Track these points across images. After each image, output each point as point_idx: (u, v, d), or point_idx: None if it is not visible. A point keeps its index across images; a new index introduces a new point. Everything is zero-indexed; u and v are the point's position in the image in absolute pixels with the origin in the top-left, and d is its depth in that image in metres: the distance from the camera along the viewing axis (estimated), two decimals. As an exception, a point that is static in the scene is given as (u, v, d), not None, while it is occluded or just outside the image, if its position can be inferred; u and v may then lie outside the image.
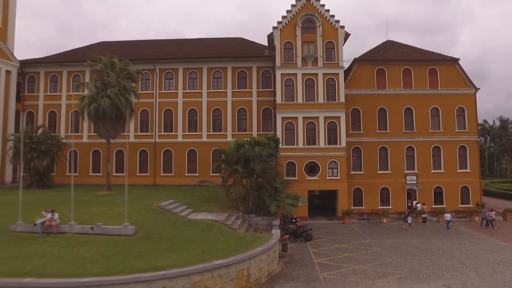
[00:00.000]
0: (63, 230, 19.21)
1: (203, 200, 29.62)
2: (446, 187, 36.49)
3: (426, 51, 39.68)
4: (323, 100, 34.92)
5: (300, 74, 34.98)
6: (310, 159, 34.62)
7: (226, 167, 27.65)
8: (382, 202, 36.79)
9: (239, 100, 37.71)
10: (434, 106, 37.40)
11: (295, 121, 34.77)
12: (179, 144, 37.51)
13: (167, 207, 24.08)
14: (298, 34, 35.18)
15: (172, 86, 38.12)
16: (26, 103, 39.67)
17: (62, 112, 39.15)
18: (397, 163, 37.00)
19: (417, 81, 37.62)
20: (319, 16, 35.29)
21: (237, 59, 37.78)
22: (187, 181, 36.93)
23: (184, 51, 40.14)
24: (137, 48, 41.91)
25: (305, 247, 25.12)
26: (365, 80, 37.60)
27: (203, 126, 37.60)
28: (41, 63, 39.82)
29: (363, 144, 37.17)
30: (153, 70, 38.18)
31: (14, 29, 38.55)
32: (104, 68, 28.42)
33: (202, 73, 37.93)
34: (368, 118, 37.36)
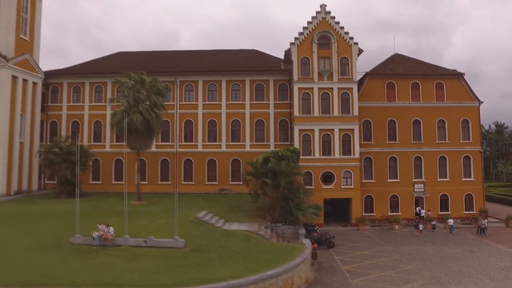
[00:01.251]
0: (118, 243, 20.86)
1: (229, 209, 31.37)
2: (451, 195, 38.82)
3: (432, 65, 41.97)
4: (338, 113, 36.97)
5: (316, 88, 36.96)
6: (326, 169, 36.67)
7: (254, 179, 29.45)
8: (392, 209, 38.95)
9: (256, 111, 39.55)
10: (440, 118, 39.67)
11: (311, 133, 36.76)
12: (199, 153, 39.23)
13: (203, 219, 25.86)
14: (314, 50, 37.14)
15: (192, 98, 39.76)
16: (50, 113, 40.92)
17: (84, 122, 40.50)
18: (406, 172, 39.19)
19: (425, 94, 39.85)
20: (334, 33, 37.26)
21: (255, 72, 39.59)
22: (207, 189, 38.65)
23: (202, 63, 41.79)
24: (155, 60, 43.37)
25: (330, 254, 27.14)
26: (376, 93, 39.69)
27: (222, 136, 39.35)
28: (64, 74, 41.08)
29: (374, 154, 39.29)
30: (174, 83, 39.74)
31: (40, 41, 39.72)
32: (135, 84, 29.94)
33: (221, 86, 39.66)
34: (379, 129, 39.49)
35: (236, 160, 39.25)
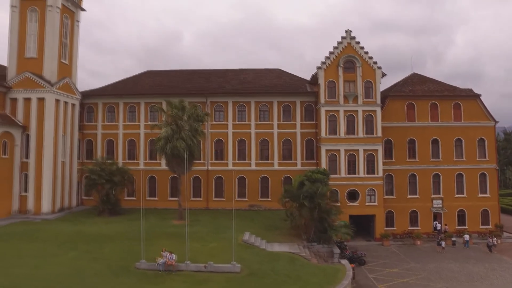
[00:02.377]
0: (180, 268, 22.90)
1: (265, 228, 33.39)
2: (468, 210, 40.96)
3: (449, 85, 44.00)
4: (363, 134, 39.04)
5: (342, 110, 39.02)
6: (351, 187, 38.78)
7: (290, 201, 31.54)
8: (411, 223, 41.08)
9: (284, 131, 41.62)
10: (457, 137, 41.75)
11: (337, 153, 38.85)
12: (230, 171, 41.25)
13: (249, 241, 27.97)
14: (340, 74, 39.17)
15: (222, 118, 41.79)
16: (86, 132, 42.88)
17: (119, 140, 42.48)
18: (425, 188, 41.30)
19: (443, 114, 41.90)
20: (359, 57, 39.28)
21: (282, 94, 41.62)
22: (237, 205, 40.47)
23: (230, 84, 43.78)
24: (185, 79, 45.32)
25: (363, 272, 29.25)
26: (396, 113, 41.71)
27: (251, 155, 41.41)
28: (98, 95, 43.00)
29: (395, 171, 41.36)
30: (205, 103, 41.75)
31: (77, 63, 41.69)
32: (178, 112, 31.92)
33: (250, 106, 41.69)
34: (399, 147, 41.56)
35: (264, 177, 41.39)
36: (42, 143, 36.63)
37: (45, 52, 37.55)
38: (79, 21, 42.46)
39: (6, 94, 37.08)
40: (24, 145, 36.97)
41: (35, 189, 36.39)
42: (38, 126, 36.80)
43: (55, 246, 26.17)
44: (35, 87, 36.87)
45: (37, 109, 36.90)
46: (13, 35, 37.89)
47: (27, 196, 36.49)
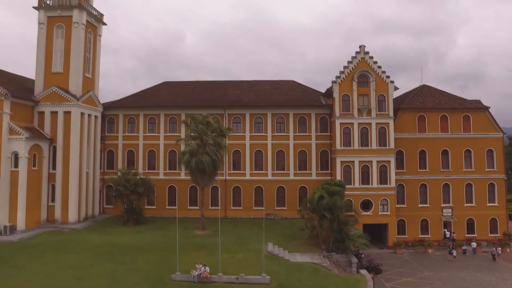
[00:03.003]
0: (213, 280, 24.40)
1: (285, 237, 34.87)
2: (477, 219, 42.41)
3: (459, 98, 45.41)
4: (376, 146, 40.51)
5: (356, 123, 40.49)
6: (365, 197, 40.25)
7: (310, 213, 33.02)
8: (422, 231, 42.55)
9: (299, 143, 43.13)
10: (467, 148, 43.18)
11: (351, 164, 40.32)
12: (247, 181, 42.77)
13: (274, 252, 29.47)
14: (354, 88, 40.63)
15: (240, 129, 43.27)
16: (107, 142, 44.35)
17: (139, 151, 43.97)
18: (435, 197, 42.75)
19: (453, 126, 43.35)
20: (373, 72, 40.74)
21: (298, 106, 43.11)
22: (254, 214, 42.20)
23: (247, 96, 45.25)
24: (202, 91, 46.78)
25: (380, 281, 30.69)
26: (408, 125, 43.12)
27: (268, 165, 42.92)
28: (119, 107, 44.47)
29: (406, 181, 42.80)
30: (223, 115, 43.25)
31: (99, 76, 43.16)
32: (203, 127, 33.39)
33: (267, 118, 43.21)
34: (410, 158, 42.98)
35: (281, 187, 42.92)
36: (68, 155, 38.12)
37: (71, 67, 39.04)
38: (100, 35, 43.93)
39: (34, 108, 38.56)
40: (51, 157, 38.43)
41: (62, 199, 37.90)
42: (64, 139, 38.31)
43: (91, 257, 27.66)
44: (61, 101, 38.35)
45: (64, 122, 38.39)
46: (40, 51, 39.36)
47: (54, 206, 37.96)
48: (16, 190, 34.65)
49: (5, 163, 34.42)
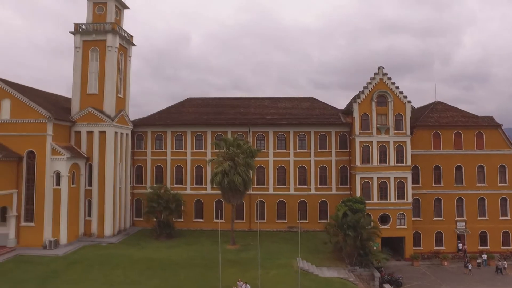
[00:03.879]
0: (254, 296, 26.56)
1: (309, 251, 36.98)
2: (490, 232, 44.42)
3: (472, 115, 47.37)
4: (394, 163, 42.57)
5: (375, 141, 42.57)
6: (383, 211, 42.32)
7: (335, 230, 35.15)
8: (437, 244, 44.64)
9: (320, 159, 45.29)
10: (480, 164, 45.19)
11: (370, 180, 42.42)
12: (270, 195, 44.96)
13: (304, 268, 31.57)
14: (373, 108, 42.69)
15: (263, 146, 45.40)
16: (136, 158, 46.64)
17: (167, 166, 46.20)
18: (449, 211, 44.79)
19: (466, 142, 45.35)
20: (391, 92, 42.78)
21: (319, 125, 45.24)
22: (277, 227, 44.42)
23: (269, 113, 47.38)
24: (225, 108, 48.95)
25: (401, 295, 32.88)
26: (423, 142, 45.16)
27: (290, 180, 45.10)
28: (148, 124, 46.71)
29: (421, 196, 44.85)
30: (247, 132, 45.44)
31: (130, 95, 45.44)
32: (234, 149, 35.54)
33: (289, 136, 45.38)
34: (426, 174, 45.01)
35: (302, 201, 45.10)
36: (103, 172, 40.36)
37: (105, 89, 41.26)
38: (130, 56, 46.17)
39: (72, 128, 40.82)
40: (87, 174, 40.69)
41: (98, 214, 40.15)
42: (100, 157, 40.53)
43: (136, 273, 29.88)
44: (97, 121, 40.60)
45: (99, 141, 40.63)
46: (76, 73, 41.60)
47: (91, 221, 40.22)
48: (58, 207, 36.93)
49: (49, 182, 36.69)
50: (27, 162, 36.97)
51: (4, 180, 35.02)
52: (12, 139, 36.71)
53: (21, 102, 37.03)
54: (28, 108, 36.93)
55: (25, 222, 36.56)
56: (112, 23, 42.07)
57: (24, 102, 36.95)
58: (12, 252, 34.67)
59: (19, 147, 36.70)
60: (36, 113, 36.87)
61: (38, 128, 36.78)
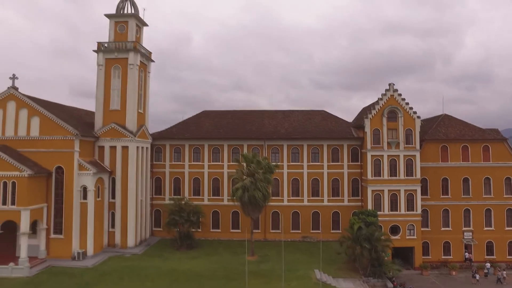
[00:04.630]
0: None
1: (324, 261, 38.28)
2: (496, 242, 46.20)
3: (479, 128, 49.10)
4: (404, 176, 44.36)
5: (386, 155, 44.35)
6: (393, 223, 44.11)
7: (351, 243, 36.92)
8: (444, 253, 46.46)
9: (333, 171, 47.11)
10: (486, 176, 46.94)
11: (381, 192, 44.21)
12: (285, 206, 46.79)
13: (322, 280, 33.36)
14: (384, 123, 44.46)
15: (278, 159, 47.18)
16: (155, 170, 48.44)
17: (185, 178, 48.00)
18: (457, 222, 46.57)
19: (473, 155, 47.10)
20: (401, 108, 44.54)
21: (331, 139, 47.03)
22: (291, 237, 46.20)
23: (283, 126, 49.17)
24: (241, 121, 50.72)
25: (413, 305, 34.68)
26: (431, 155, 46.92)
27: (304, 192, 46.92)
28: (166, 138, 48.50)
29: (430, 207, 46.61)
30: (263, 146, 47.24)
31: (149, 109, 47.20)
32: (255, 166, 37.30)
33: (303, 149, 47.20)
34: (434, 185, 46.79)
35: (315, 212, 46.95)
36: (126, 185, 42.16)
37: (127, 105, 43.05)
38: (149, 72, 47.93)
39: (95, 143, 42.61)
40: (110, 187, 42.48)
41: (121, 225, 41.98)
42: (122, 170, 42.33)
43: (165, 285, 31.62)
44: (120, 137, 42.38)
45: (122, 156, 42.41)
46: (99, 90, 43.38)
47: (114, 232, 42.05)
48: (85, 220, 38.71)
49: (76, 196, 38.45)
50: (56, 177, 38.76)
51: (36, 195, 36.80)
52: (41, 155, 38.46)
53: (49, 120, 38.77)
54: (56, 126, 38.67)
55: (54, 234, 38.37)
56: (133, 42, 43.81)
57: (52, 119, 38.69)
58: (43, 263, 36.51)
59: (48, 163, 38.45)
60: (63, 130, 38.60)
61: (65, 145, 38.52)
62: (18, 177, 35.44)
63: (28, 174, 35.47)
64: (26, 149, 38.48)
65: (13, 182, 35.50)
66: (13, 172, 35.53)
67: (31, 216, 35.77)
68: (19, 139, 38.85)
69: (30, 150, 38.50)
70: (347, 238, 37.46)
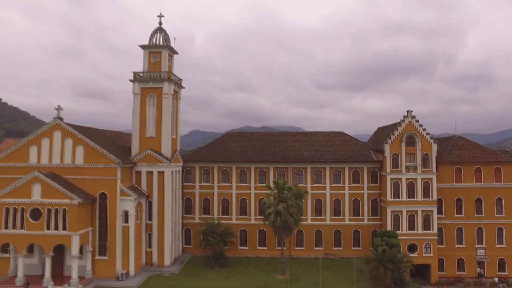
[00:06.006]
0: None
1: (348, 279, 41.65)
2: (507, 259, 49.04)
3: (491, 150, 51.97)
4: (421, 197, 47.24)
5: (404, 178, 47.23)
6: (411, 241, 46.99)
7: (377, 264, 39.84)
8: (458, 269, 49.37)
9: (353, 192, 50.05)
10: (498, 196, 49.74)
11: (400, 213, 47.11)
12: (309, 225, 49.73)
13: (351, 301, 36.32)
14: (402, 148, 47.30)
15: (302, 181, 50.10)
16: (185, 191, 51.34)
17: (214, 199, 50.92)
18: (470, 239, 49.44)
19: (486, 177, 49.91)
20: (418, 134, 47.37)
21: (353, 162, 49.92)
22: (314, 253, 49.11)
23: (306, 148, 52.05)
24: (265, 143, 53.60)
25: (434, 322, 37.65)
26: (446, 176, 49.72)
27: (327, 211, 49.86)
28: (196, 161, 51.37)
29: (444, 225, 49.49)
30: (288, 168, 50.15)
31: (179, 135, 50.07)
32: (287, 193, 40.16)
33: (325, 171, 50.11)
34: (448, 205, 49.64)
35: (337, 230, 49.90)
36: (163, 208, 45.12)
37: (163, 133, 45.92)
38: (180, 99, 50.76)
39: (133, 168, 45.50)
40: (147, 210, 45.40)
41: (158, 245, 44.95)
42: (159, 194, 45.25)
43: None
44: (156, 163, 45.26)
45: (158, 180, 45.31)
46: (136, 117, 46.22)
47: (151, 252, 45.04)
48: (127, 241, 41.63)
49: (118, 220, 41.38)
50: (99, 202, 41.68)
51: (83, 220, 39.77)
52: (86, 181, 41.42)
53: (93, 149, 41.65)
54: (99, 154, 41.55)
55: (99, 255, 41.35)
56: (168, 72, 46.61)
57: (96, 149, 41.57)
58: (91, 283, 39.53)
59: (92, 189, 41.41)
60: (106, 159, 41.48)
61: (109, 172, 41.41)
62: (69, 204, 38.43)
63: (78, 202, 38.42)
64: (71, 176, 41.49)
65: (64, 209, 38.48)
66: (64, 200, 38.50)
67: (80, 240, 38.75)
68: (65, 166, 41.78)
69: (75, 177, 41.47)
70: (372, 258, 40.38)
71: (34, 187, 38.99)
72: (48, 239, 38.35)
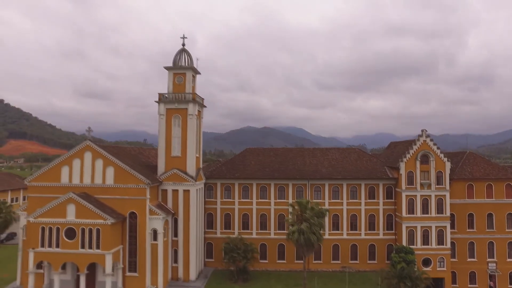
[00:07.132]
0: None
1: (368, 296, 43.77)
2: (518, 272, 51.20)
3: (502, 167, 53.91)
4: (435, 213, 49.19)
5: (419, 195, 49.18)
6: (425, 256, 48.98)
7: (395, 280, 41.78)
8: (470, 282, 51.35)
9: (369, 208, 51.98)
10: (509, 211, 51.67)
11: (415, 228, 49.07)
12: (326, 240, 51.42)
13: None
14: (417, 166, 49.24)
15: (320, 197, 52.04)
16: (207, 206, 53.22)
17: (235, 214, 52.83)
18: (482, 253, 51.39)
19: (497, 193, 51.84)
20: (432, 152, 49.29)
21: (369, 178, 51.85)
22: (332, 267, 51.15)
23: (323, 165, 53.95)
24: (283, 159, 55.52)
25: (451, 337, 39.61)
26: (458, 192, 51.67)
27: (343, 226, 51.77)
28: (217, 177, 53.26)
29: (457, 239, 51.42)
30: (306, 185, 52.07)
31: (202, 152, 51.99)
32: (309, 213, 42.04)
33: (343, 188, 52.02)
34: (460, 220, 51.60)
35: (354, 244, 51.82)
36: (188, 225, 47.02)
37: (188, 152, 47.76)
38: (202, 118, 52.60)
39: (159, 186, 47.39)
40: (172, 227, 47.29)
41: (183, 261, 46.87)
42: (184, 211, 47.15)
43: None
44: (181, 181, 47.14)
45: (183, 198, 47.20)
46: (161, 137, 48.08)
47: (177, 267, 46.97)
48: (156, 258, 43.51)
49: (148, 238, 43.28)
50: (129, 221, 43.57)
51: (115, 239, 41.67)
52: (116, 201, 43.31)
53: (123, 169, 43.51)
54: (129, 175, 43.40)
55: (130, 272, 43.24)
56: (192, 94, 48.46)
57: (126, 169, 43.43)
58: (123, 299, 41.47)
59: (122, 208, 43.30)
60: (135, 179, 43.34)
61: (138, 193, 43.29)
62: (102, 224, 40.32)
63: (111, 222, 40.32)
64: (102, 196, 43.38)
65: (98, 228, 40.38)
66: (97, 220, 40.40)
67: (112, 258, 40.65)
68: (95, 186, 43.67)
69: (106, 197, 43.36)
70: (391, 275, 42.31)
71: (69, 208, 40.90)
72: (82, 257, 40.26)
